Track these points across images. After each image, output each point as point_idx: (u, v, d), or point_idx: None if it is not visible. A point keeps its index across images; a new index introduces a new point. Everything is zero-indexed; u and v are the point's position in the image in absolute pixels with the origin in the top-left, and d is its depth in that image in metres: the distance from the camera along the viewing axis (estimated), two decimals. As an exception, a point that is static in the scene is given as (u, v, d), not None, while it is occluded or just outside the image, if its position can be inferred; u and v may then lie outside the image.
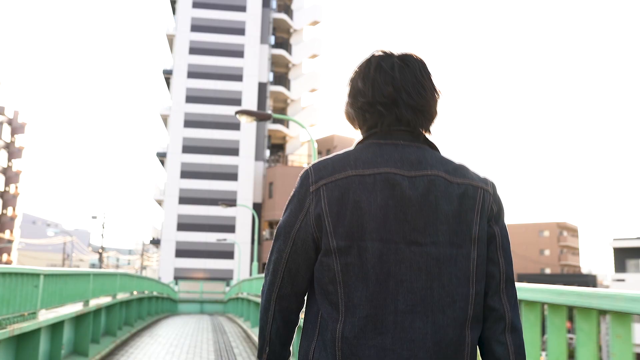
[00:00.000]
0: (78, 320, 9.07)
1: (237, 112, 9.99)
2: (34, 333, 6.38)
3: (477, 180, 1.40)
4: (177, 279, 41.25)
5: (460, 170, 1.39)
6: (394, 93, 1.40)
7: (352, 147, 1.44)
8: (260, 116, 10.05)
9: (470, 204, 1.36)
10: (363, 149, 1.40)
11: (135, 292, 15.25)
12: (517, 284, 2.34)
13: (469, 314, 1.31)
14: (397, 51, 1.47)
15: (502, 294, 1.37)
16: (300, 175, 1.41)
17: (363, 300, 1.28)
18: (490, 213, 1.38)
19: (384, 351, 1.26)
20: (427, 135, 1.45)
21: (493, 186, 1.42)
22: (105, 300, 10.92)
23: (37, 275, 6.27)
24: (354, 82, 1.47)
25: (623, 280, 43.47)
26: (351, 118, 1.49)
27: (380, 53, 1.47)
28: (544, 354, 2.74)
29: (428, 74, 1.45)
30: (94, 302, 9.77)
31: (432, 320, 1.28)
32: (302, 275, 1.39)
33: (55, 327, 7.63)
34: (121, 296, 12.83)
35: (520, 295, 2.67)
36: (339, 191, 1.33)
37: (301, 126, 10.32)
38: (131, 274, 14.95)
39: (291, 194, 1.42)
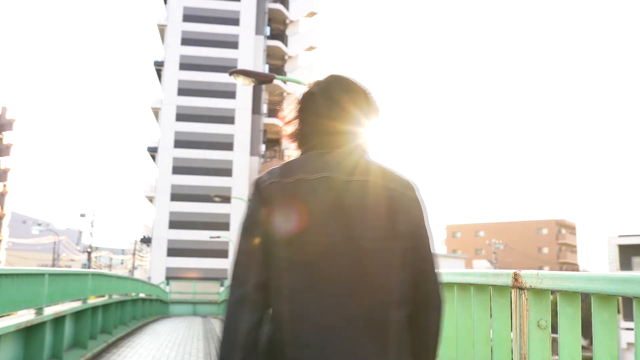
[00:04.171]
0: (28, 333, 7.14)
1: (231, 73, 8.11)
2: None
3: (403, 183, 1.60)
4: (168, 279, 39.32)
5: (388, 175, 1.59)
6: (337, 108, 1.63)
7: (297, 157, 1.66)
8: (259, 77, 8.18)
9: (397, 204, 1.55)
10: (308, 156, 1.62)
11: (115, 295, 13.30)
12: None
13: (394, 297, 1.51)
14: (339, 73, 1.70)
15: (426, 281, 1.59)
16: (253, 180, 1.63)
17: (307, 285, 1.48)
18: (414, 212, 1.59)
19: (324, 328, 1.47)
20: (362, 143, 1.64)
21: (416, 188, 1.63)
22: (70, 305, 8.98)
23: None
24: (302, 98, 1.69)
25: (630, 278, 42.10)
26: (296, 132, 1.69)
27: (325, 76, 1.70)
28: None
29: (365, 93, 1.67)
30: (52, 310, 7.84)
31: (363, 303, 1.48)
32: (264, 264, 1.55)
33: (-13, 346, 5.72)
34: (95, 300, 10.89)
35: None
36: (289, 192, 1.54)
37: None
38: (108, 273, 13.02)
39: (248, 195, 1.64)
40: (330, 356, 1.46)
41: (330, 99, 1.65)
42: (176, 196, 45.26)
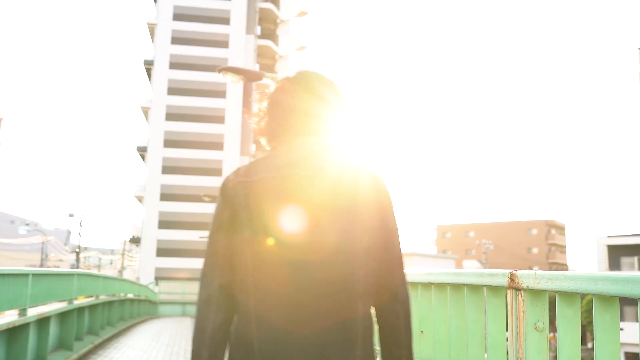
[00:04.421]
0: (10, 334, 6.99)
1: (220, 70, 7.99)
2: None
3: (370, 177, 1.60)
4: (157, 279, 39.05)
5: (355, 169, 1.59)
6: (307, 97, 1.65)
7: (266, 154, 1.68)
8: (248, 75, 8.05)
9: (363, 198, 1.56)
10: (275, 153, 1.64)
11: (102, 296, 13.12)
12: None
13: (360, 290, 1.53)
14: (307, 70, 1.73)
15: (392, 274, 1.59)
16: (223, 179, 1.66)
17: (273, 282, 1.51)
18: (380, 205, 1.59)
19: (290, 323, 1.49)
20: (331, 138, 1.65)
21: (383, 181, 1.62)
22: (55, 306, 8.82)
23: None
24: (273, 96, 1.70)
25: (619, 278, 42.50)
26: (265, 128, 1.71)
27: (295, 73, 1.72)
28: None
29: (332, 90, 1.68)
30: (36, 311, 7.68)
31: (331, 297, 1.50)
32: (230, 264, 1.59)
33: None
34: (81, 301, 10.72)
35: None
36: (252, 189, 1.56)
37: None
38: (94, 273, 12.83)
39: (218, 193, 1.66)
40: (297, 351, 1.48)
41: (300, 89, 1.66)
42: (166, 196, 45.00)
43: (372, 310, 1.61)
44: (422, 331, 3.03)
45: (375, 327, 1.64)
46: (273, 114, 1.69)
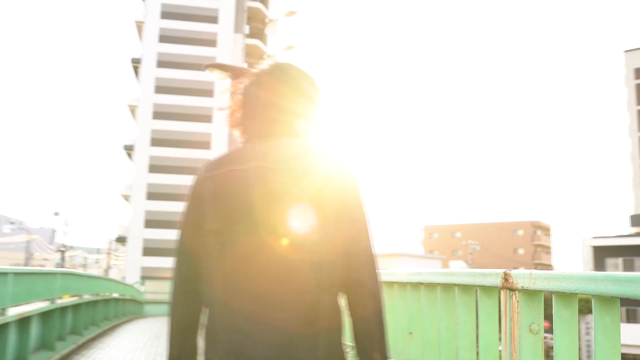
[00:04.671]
0: (-11, 335, 6.82)
1: (207, 66, 7.87)
2: None
3: (340, 169, 1.60)
4: (144, 278, 38.78)
5: (325, 162, 1.59)
6: (276, 99, 1.64)
7: (237, 147, 1.68)
8: (235, 71, 7.93)
9: (329, 191, 1.56)
10: (245, 146, 1.65)
11: (86, 295, 12.94)
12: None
13: (325, 282, 1.54)
14: (283, 62, 1.71)
15: (362, 267, 1.57)
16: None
17: (237, 273, 1.53)
18: (348, 197, 1.58)
19: (254, 315, 1.51)
20: (304, 131, 1.65)
21: (353, 174, 1.62)
22: (37, 306, 8.65)
23: None
24: (248, 89, 1.68)
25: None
26: (238, 120, 1.70)
27: (268, 65, 1.69)
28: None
29: (308, 83, 1.67)
30: (16, 310, 7.52)
31: (293, 288, 1.51)
32: (194, 259, 1.63)
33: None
34: (64, 300, 10.55)
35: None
36: (218, 183, 1.59)
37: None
38: (78, 272, 12.66)
39: None
40: (260, 340, 1.49)
41: (282, 85, 1.65)
42: (152, 195, 44.72)
43: (344, 304, 1.60)
44: (410, 332, 2.95)
45: (349, 322, 1.62)
46: (247, 108, 1.67)
